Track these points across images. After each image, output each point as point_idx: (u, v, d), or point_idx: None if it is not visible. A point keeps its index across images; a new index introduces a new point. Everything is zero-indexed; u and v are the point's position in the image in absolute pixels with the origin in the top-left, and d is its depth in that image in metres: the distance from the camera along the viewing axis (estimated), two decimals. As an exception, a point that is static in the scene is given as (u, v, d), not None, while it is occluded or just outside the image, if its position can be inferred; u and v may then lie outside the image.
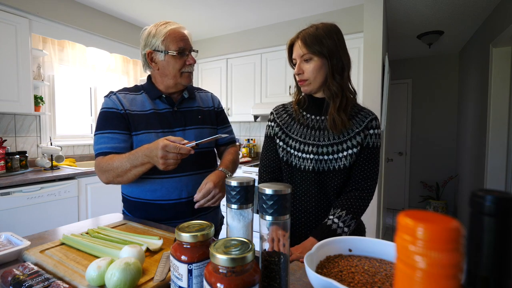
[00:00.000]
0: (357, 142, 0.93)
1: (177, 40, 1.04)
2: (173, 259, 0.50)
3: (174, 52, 1.04)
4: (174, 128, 1.08)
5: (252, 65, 3.35)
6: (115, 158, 0.96)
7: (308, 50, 0.91)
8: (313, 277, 0.49)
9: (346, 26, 2.75)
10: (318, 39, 0.91)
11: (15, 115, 2.49)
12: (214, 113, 1.22)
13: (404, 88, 4.56)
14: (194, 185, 1.07)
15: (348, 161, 0.92)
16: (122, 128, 1.03)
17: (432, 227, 0.22)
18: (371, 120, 0.95)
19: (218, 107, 1.25)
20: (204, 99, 1.22)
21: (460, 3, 2.65)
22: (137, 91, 1.12)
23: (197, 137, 1.10)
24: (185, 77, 1.09)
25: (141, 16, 3.07)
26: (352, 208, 0.90)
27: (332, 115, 0.92)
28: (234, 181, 0.53)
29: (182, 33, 1.06)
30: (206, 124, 1.16)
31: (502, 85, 2.75)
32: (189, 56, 1.08)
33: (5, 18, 2.19)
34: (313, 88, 0.96)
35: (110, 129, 1.02)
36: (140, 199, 1.08)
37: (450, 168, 4.26)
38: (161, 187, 1.05)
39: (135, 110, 1.07)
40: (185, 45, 1.05)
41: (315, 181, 0.95)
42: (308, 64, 0.93)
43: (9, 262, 0.72)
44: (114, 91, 1.10)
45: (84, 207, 2.40)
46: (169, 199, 1.06)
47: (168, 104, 1.10)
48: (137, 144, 1.04)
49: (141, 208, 1.08)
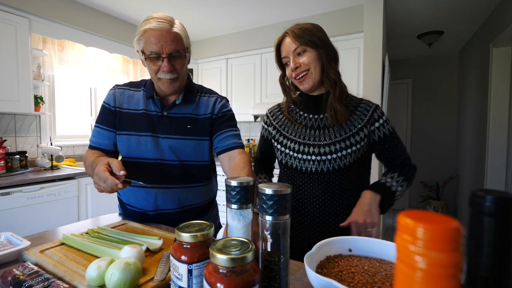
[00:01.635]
0: (360, 138, 0.90)
1: (150, 43, 0.92)
2: (173, 259, 0.50)
3: (147, 55, 0.94)
4: (159, 134, 1.02)
5: (252, 65, 3.35)
6: (89, 159, 0.98)
7: (300, 42, 0.90)
8: (313, 277, 0.49)
9: (346, 26, 2.76)
10: (307, 31, 0.91)
11: (15, 115, 2.49)
12: (210, 120, 1.06)
13: (404, 88, 4.56)
14: (180, 197, 1.04)
15: (353, 158, 0.89)
16: (109, 125, 1.05)
17: (432, 227, 0.22)
18: (373, 112, 0.92)
19: (218, 113, 1.07)
20: (204, 104, 1.07)
21: (460, 3, 2.65)
22: (138, 88, 1.09)
23: (177, 149, 1.02)
24: (163, 82, 0.97)
25: (141, 16, 3.08)
26: (402, 172, 0.93)
27: (333, 105, 0.90)
28: (234, 181, 0.52)
29: (158, 35, 0.91)
30: (194, 135, 1.04)
31: (502, 85, 2.75)
32: (165, 62, 0.93)
33: (5, 18, 2.19)
34: (314, 81, 0.92)
35: (100, 123, 1.06)
36: (129, 205, 1.08)
37: (450, 168, 4.26)
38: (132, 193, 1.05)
39: (127, 108, 1.05)
40: (159, 49, 0.92)
41: (319, 182, 0.91)
42: (303, 56, 0.91)
43: (9, 262, 0.71)
44: (118, 85, 1.10)
45: (84, 207, 2.40)
46: (145, 209, 1.04)
47: (159, 106, 1.03)
48: (118, 143, 1.05)
49: (127, 212, 1.10)
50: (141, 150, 1.02)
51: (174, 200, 1.03)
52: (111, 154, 1.06)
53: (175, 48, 0.94)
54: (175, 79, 0.98)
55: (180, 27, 0.98)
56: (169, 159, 1.02)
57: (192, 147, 1.04)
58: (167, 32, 0.93)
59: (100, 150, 1.05)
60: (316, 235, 0.91)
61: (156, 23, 0.93)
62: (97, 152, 1.04)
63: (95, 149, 1.05)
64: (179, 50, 0.96)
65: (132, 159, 1.03)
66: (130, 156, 1.03)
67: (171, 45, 0.93)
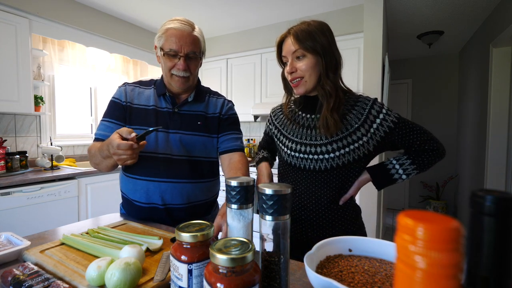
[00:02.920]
0: (357, 137, 0.88)
1: (171, 41, 0.99)
2: (173, 259, 0.50)
3: (165, 52, 1.01)
4: (170, 129, 1.06)
5: (252, 65, 3.35)
6: (95, 146, 0.99)
7: (300, 46, 0.87)
8: (313, 277, 0.49)
9: (346, 26, 2.76)
10: (311, 35, 0.87)
11: (15, 115, 2.49)
12: (218, 120, 1.13)
13: (404, 88, 4.56)
14: (188, 192, 1.05)
15: (352, 156, 0.89)
16: (119, 119, 1.07)
17: (432, 227, 0.22)
18: (370, 109, 0.89)
19: (225, 114, 1.14)
20: (213, 104, 1.14)
21: (460, 3, 2.65)
22: (149, 86, 1.13)
23: (187, 144, 1.06)
24: (175, 80, 1.04)
25: (141, 16, 3.07)
26: (418, 159, 0.90)
27: (325, 116, 0.88)
28: (234, 181, 0.53)
29: (179, 34, 0.99)
30: (204, 131, 1.09)
31: (502, 85, 2.75)
32: (181, 60, 1.01)
33: (5, 18, 2.19)
34: (308, 88, 0.91)
35: (109, 117, 1.07)
36: (135, 201, 1.08)
37: (450, 168, 4.26)
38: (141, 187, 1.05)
39: (137, 104, 1.08)
40: (178, 48, 0.99)
41: (317, 179, 0.92)
42: (301, 61, 0.89)
43: (9, 262, 0.72)
44: (128, 83, 1.14)
45: (84, 207, 2.40)
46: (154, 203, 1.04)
47: (171, 103, 1.09)
48: None
49: (134, 209, 1.09)
50: (151, 145, 1.04)
51: (182, 195, 1.05)
52: None
53: (192, 49, 1.02)
54: (187, 78, 1.05)
55: (200, 32, 1.06)
56: (178, 154, 1.05)
57: (202, 142, 1.09)
58: (188, 34, 1.01)
59: None
60: (313, 228, 0.94)
61: (179, 24, 1.01)
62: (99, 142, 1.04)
63: (101, 141, 1.04)
64: (196, 52, 1.03)
65: (142, 153, 1.04)
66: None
67: (189, 46, 1.01)
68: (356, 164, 0.91)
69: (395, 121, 0.88)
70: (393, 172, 0.92)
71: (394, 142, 0.90)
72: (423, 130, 0.90)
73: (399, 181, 0.93)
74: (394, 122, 0.88)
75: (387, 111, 0.89)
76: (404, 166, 0.91)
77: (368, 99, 0.92)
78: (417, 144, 0.89)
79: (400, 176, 0.92)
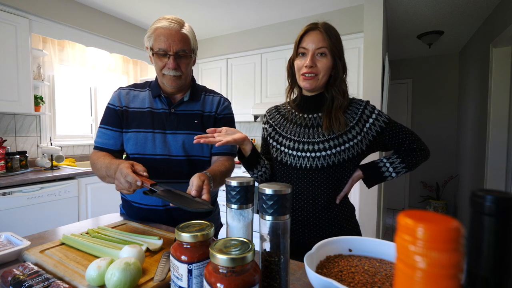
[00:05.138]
0: (353, 136, 0.93)
1: (159, 40, 0.98)
2: (173, 259, 0.50)
3: (155, 51, 1.00)
4: (167, 130, 1.06)
5: (252, 65, 3.35)
6: (100, 160, 0.99)
7: (327, 44, 0.90)
8: (313, 277, 0.49)
9: (346, 26, 2.75)
10: (338, 38, 0.93)
11: (15, 115, 2.49)
12: (213, 119, 1.12)
13: (404, 88, 4.56)
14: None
15: (347, 154, 0.92)
16: (114, 125, 1.07)
17: (432, 227, 0.22)
18: (364, 109, 0.94)
19: (220, 114, 1.13)
20: (209, 102, 1.13)
21: (460, 3, 2.65)
22: (143, 88, 1.13)
23: (185, 143, 1.05)
24: (167, 79, 1.03)
25: (141, 16, 3.07)
26: (407, 158, 0.95)
27: (333, 113, 0.92)
28: (234, 181, 0.53)
29: (168, 33, 0.97)
30: (201, 130, 1.07)
31: (502, 85, 2.75)
32: (171, 59, 0.99)
33: (5, 18, 2.19)
34: (316, 86, 0.94)
35: (105, 124, 1.08)
36: (135, 203, 1.08)
37: (450, 168, 4.26)
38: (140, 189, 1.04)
39: (133, 107, 1.08)
40: (167, 46, 0.98)
41: (313, 178, 0.94)
42: (322, 59, 0.92)
43: (9, 262, 0.72)
44: (122, 87, 1.13)
45: (84, 207, 2.40)
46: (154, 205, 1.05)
47: (167, 104, 1.08)
48: (125, 141, 1.07)
49: (133, 210, 1.09)
50: (149, 147, 1.04)
51: None
52: (117, 153, 1.08)
53: (182, 47, 1.00)
54: (178, 76, 1.03)
55: (189, 29, 1.04)
56: (176, 154, 1.05)
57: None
58: (176, 32, 0.99)
59: (106, 151, 1.06)
60: (310, 228, 0.95)
61: (167, 23, 0.99)
62: (106, 153, 1.04)
63: (101, 150, 1.06)
64: (186, 50, 1.01)
65: (140, 155, 1.04)
66: (137, 153, 1.05)
67: (178, 44, 0.99)
68: (350, 162, 0.94)
69: (386, 121, 0.95)
70: (384, 170, 0.97)
71: (385, 142, 0.95)
72: (410, 131, 0.97)
73: (388, 178, 0.97)
74: (385, 122, 0.95)
75: (378, 112, 0.96)
76: (394, 164, 0.96)
77: (361, 101, 0.97)
78: (406, 143, 0.95)
79: (390, 174, 0.96)
